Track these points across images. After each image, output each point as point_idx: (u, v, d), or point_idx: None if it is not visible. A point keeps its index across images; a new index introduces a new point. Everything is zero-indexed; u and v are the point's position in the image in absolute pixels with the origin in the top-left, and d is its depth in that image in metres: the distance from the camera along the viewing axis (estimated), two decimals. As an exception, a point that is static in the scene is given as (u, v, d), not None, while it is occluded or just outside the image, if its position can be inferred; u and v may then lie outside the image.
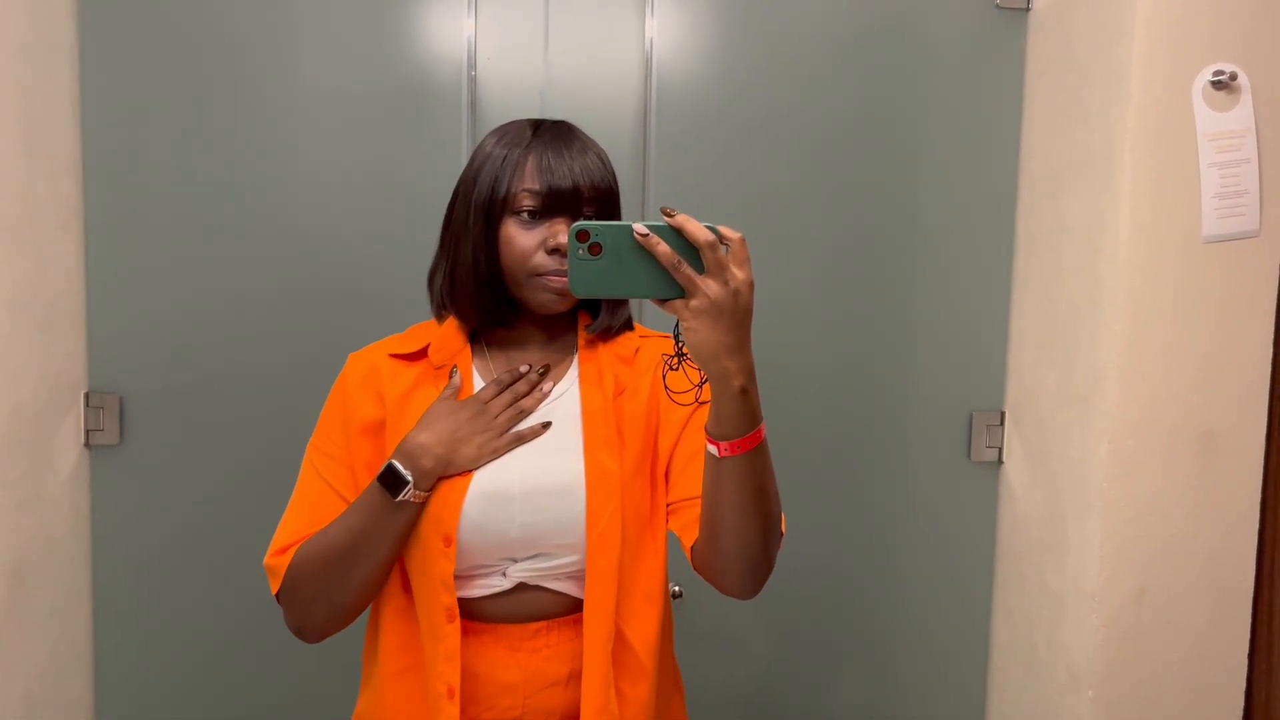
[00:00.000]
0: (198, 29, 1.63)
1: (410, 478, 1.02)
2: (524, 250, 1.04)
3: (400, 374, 1.11)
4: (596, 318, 1.14)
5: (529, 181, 1.04)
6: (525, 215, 1.05)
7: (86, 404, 1.64)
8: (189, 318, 1.66)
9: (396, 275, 1.64)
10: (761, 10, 1.71)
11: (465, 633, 1.06)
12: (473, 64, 1.67)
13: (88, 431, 1.64)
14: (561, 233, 1.04)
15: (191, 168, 1.64)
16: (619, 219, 1.10)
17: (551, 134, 1.08)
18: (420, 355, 1.12)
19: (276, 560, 1.06)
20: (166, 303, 1.65)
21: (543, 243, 1.04)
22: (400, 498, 1.02)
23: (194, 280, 1.65)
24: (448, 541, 1.03)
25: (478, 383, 1.11)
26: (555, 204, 1.04)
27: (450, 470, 1.04)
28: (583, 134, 1.10)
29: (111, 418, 1.65)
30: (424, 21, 1.67)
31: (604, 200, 1.07)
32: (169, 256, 1.65)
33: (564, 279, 1.03)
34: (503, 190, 1.05)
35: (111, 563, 1.68)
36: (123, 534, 1.68)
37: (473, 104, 1.67)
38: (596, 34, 1.70)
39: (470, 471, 1.05)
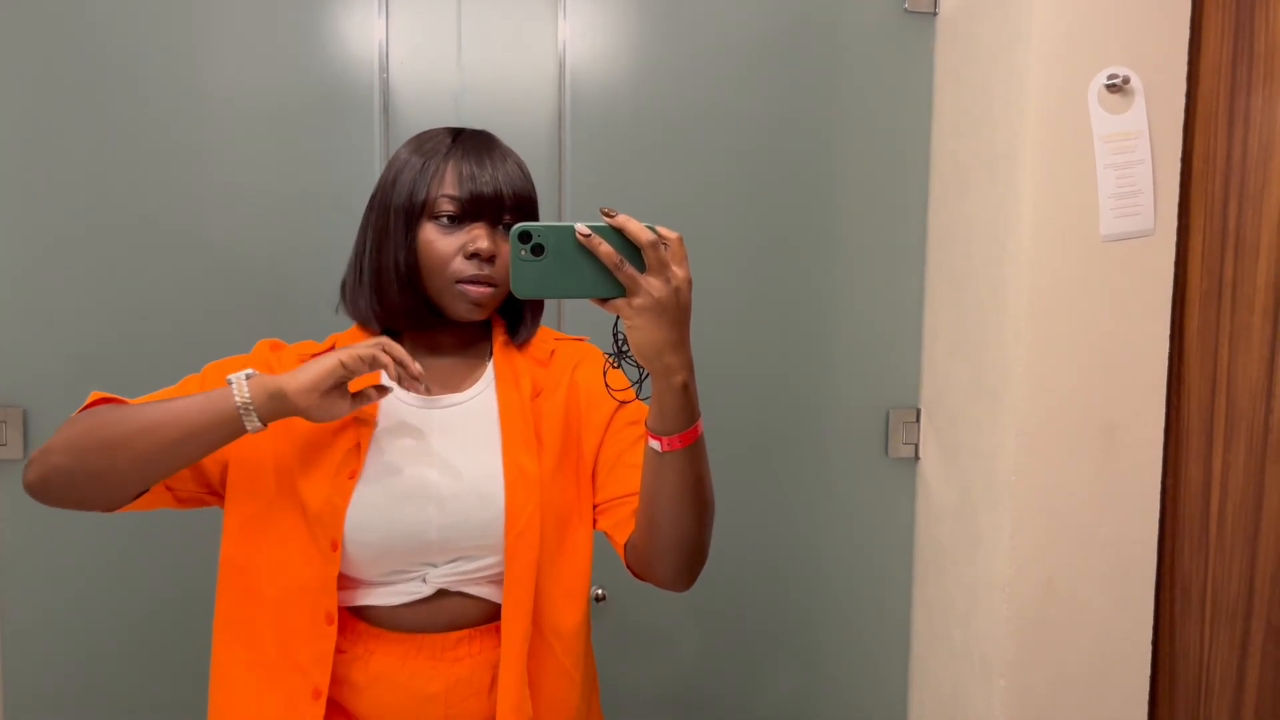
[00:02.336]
0: (100, 32, 1.59)
1: (245, 380, 0.98)
2: (443, 255, 1.06)
3: None
4: (514, 325, 1.16)
5: (449, 187, 1.06)
6: (444, 220, 1.06)
7: (-12, 418, 1.59)
8: (94, 327, 1.62)
9: (310, 280, 1.62)
10: (673, 13, 1.72)
11: (384, 642, 1.07)
12: (384, 67, 1.66)
13: (-11, 446, 1.60)
14: (480, 238, 1.05)
15: (96, 173, 1.60)
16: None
17: (472, 142, 1.10)
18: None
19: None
20: (71, 311, 1.61)
21: (462, 247, 1.06)
22: (231, 376, 0.97)
23: (99, 288, 1.62)
24: (334, 546, 1.03)
25: (384, 381, 1.10)
26: (475, 210, 1.06)
27: (285, 390, 0.97)
28: (502, 143, 1.12)
29: (15, 431, 1.60)
30: (333, 24, 1.65)
31: (523, 207, 1.09)
32: (73, 264, 1.61)
33: (483, 289, 1.06)
34: (422, 195, 1.06)
35: (16, 582, 1.63)
36: (28, 553, 1.63)
37: (385, 107, 1.65)
38: (509, 36, 1.69)
39: (356, 474, 1.04)
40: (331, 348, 1.12)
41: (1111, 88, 1.47)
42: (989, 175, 1.59)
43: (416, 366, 1.01)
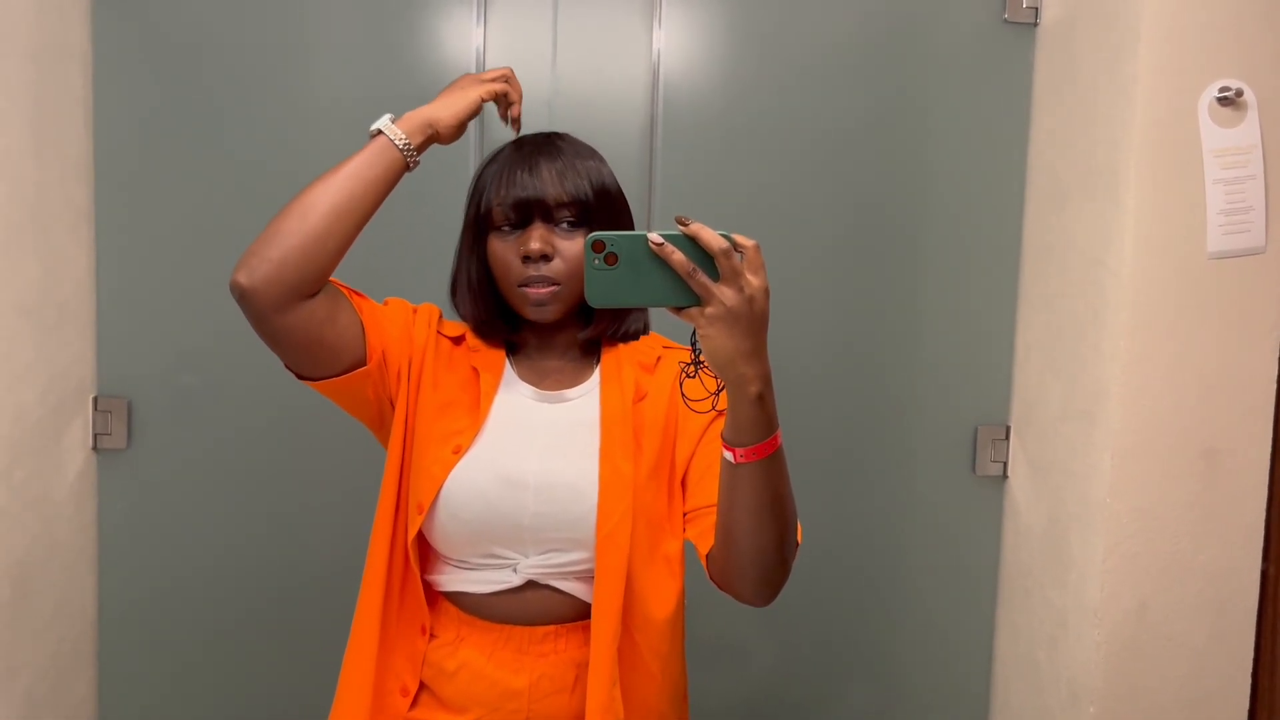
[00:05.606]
0: (210, 35, 1.65)
1: (391, 121, 1.09)
2: (505, 261, 1.10)
3: (442, 347, 1.17)
4: (605, 325, 1.17)
5: (501, 196, 1.09)
6: (505, 228, 1.10)
7: (95, 408, 1.65)
8: (198, 322, 1.67)
9: (404, 282, 1.64)
10: (768, 22, 1.72)
11: (474, 629, 1.10)
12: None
13: (95, 435, 1.66)
14: (532, 239, 1.08)
15: (202, 173, 1.66)
16: (613, 220, 1.13)
17: (529, 147, 1.12)
18: (460, 340, 1.18)
19: None
20: (176, 307, 1.67)
21: (518, 252, 1.09)
22: (375, 126, 1.08)
23: (203, 285, 1.67)
24: (420, 509, 1.08)
25: (510, 379, 1.15)
26: (525, 214, 1.09)
27: (438, 122, 1.10)
28: (567, 142, 1.14)
29: (119, 422, 1.66)
30: (433, 31, 1.68)
31: (578, 204, 1.10)
32: (179, 261, 1.66)
33: (541, 291, 1.08)
34: (484, 207, 1.11)
35: (117, 566, 1.69)
36: (129, 538, 1.69)
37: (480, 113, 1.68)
38: (604, 45, 1.71)
39: (462, 450, 1.09)
40: (463, 336, 1.18)
41: (1223, 101, 1.42)
42: (1088, 189, 1.55)
43: (518, 109, 1.16)
